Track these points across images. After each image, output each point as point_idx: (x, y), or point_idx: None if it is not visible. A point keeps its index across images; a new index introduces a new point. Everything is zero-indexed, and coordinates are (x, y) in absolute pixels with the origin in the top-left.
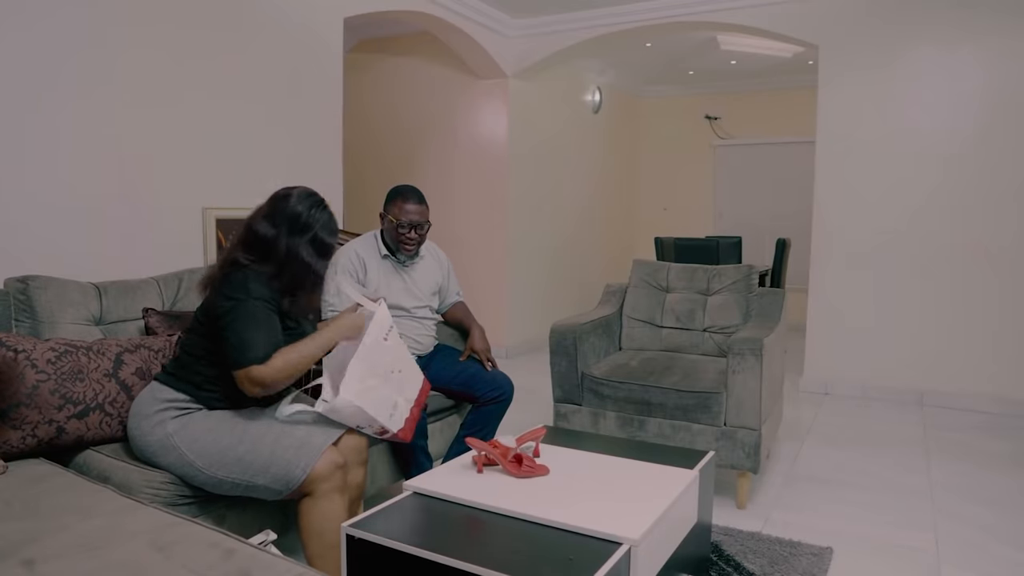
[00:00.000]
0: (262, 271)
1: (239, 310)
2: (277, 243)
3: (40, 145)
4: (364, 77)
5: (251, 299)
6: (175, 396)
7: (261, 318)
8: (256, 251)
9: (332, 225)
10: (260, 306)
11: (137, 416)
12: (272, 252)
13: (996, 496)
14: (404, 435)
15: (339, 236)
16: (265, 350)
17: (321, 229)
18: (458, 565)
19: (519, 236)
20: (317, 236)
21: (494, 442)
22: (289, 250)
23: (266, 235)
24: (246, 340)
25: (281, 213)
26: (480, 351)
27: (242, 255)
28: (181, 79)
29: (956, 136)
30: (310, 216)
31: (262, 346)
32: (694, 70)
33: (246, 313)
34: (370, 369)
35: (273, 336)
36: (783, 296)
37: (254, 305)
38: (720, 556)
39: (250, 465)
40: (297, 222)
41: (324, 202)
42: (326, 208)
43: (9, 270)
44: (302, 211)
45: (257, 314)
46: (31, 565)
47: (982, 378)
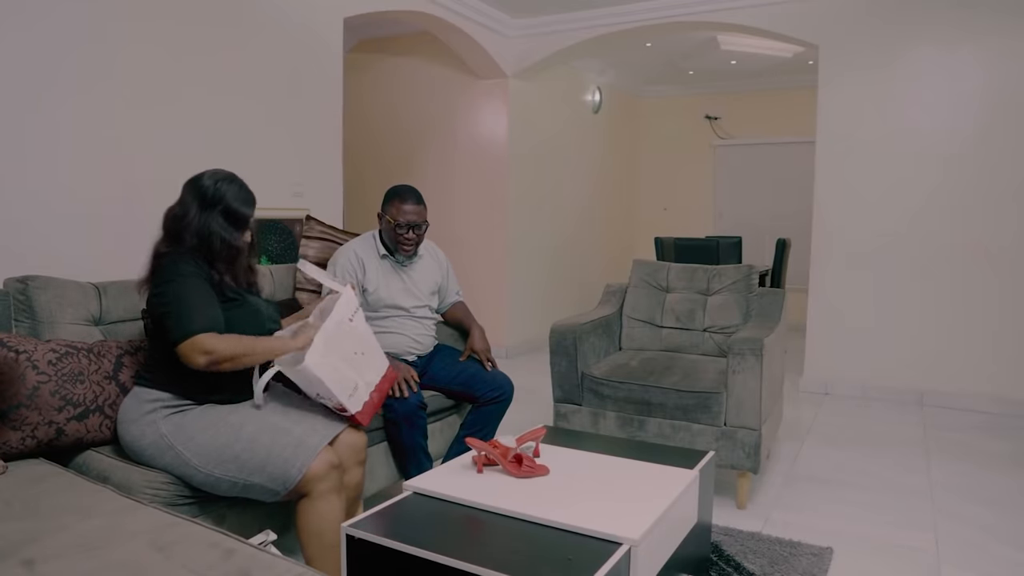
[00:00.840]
0: (183, 252)
1: (170, 289)
2: (188, 220)
3: (40, 144)
4: (364, 77)
5: (179, 277)
6: (159, 395)
7: (193, 291)
8: (172, 236)
9: (243, 195)
10: (189, 281)
11: (126, 422)
12: (186, 231)
13: (996, 496)
14: (361, 418)
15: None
16: (206, 320)
17: (232, 200)
18: (458, 565)
19: (519, 236)
20: (228, 207)
21: (494, 442)
22: (201, 225)
23: (176, 214)
24: (183, 312)
25: (190, 192)
26: (480, 351)
27: (162, 245)
28: (181, 79)
29: (956, 136)
30: (216, 189)
31: (201, 315)
32: (694, 70)
33: (178, 290)
34: (333, 346)
35: (210, 306)
36: (783, 296)
37: (183, 281)
38: (720, 556)
39: (246, 463)
40: (206, 197)
41: (234, 176)
42: (235, 180)
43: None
44: (208, 185)
45: (188, 287)
46: (31, 565)
47: (982, 378)
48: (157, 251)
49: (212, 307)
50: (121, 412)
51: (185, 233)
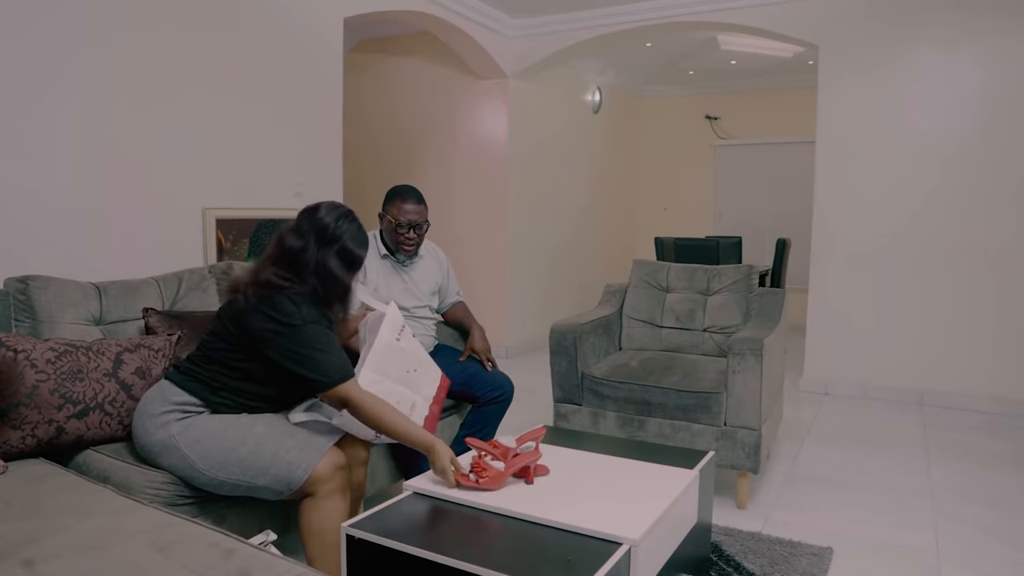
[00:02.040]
0: (303, 292)
1: (301, 336)
2: (306, 255)
3: (41, 145)
4: (364, 77)
5: (308, 323)
6: (185, 399)
7: (326, 339)
8: (287, 266)
9: (360, 236)
10: (320, 329)
11: (143, 414)
12: (302, 265)
13: (996, 496)
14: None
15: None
16: (344, 367)
17: (349, 240)
18: (458, 565)
19: (519, 236)
20: (345, 247)
21: (494, 442)
22: (318, 262)
23: (295, 247)
24: (326, 363)
25: (309, 225)
26: (480, 351)
27: (273, 272)
28: (181, 79)
29: (955, 136)
30: (337, 227)
31: (341, 364)
32: (694, 70)
33: (311, 338)
34: (382, 372)
35: (341, 352)
36: (783, 296)
37: (315, 329)
38: (720, 556)
39: (251, 466)
40: (325, 234)
41: (352, 214)
42: (354, 220)
43: (9, 270)
44: (329, 223)
45: (321, 337)
46: (31, 565)
47: (982, 378)
48: (269, 280)
49: (340, 352)
50: (142, 403)
51: (303, 269)
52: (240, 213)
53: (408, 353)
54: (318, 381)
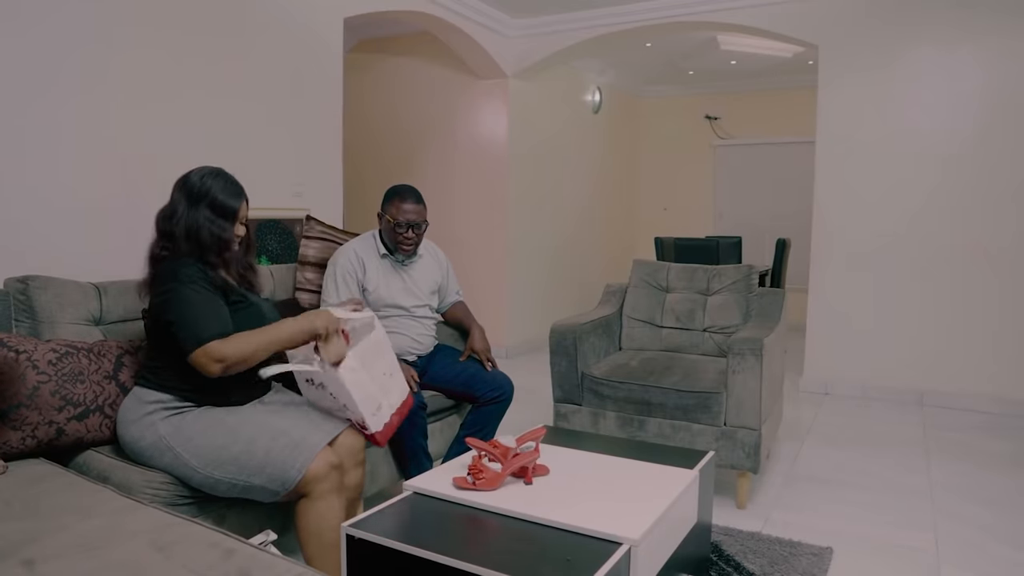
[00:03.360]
0: (182, 256)
1: (175, 296)
2: (177, 217)
3: (40, 144)
4: (364, 77)
5: (182, 283)
6: (159, 397)
7: (199, 298)
8: (164, 235)
9: (231, 188)
10: (195, 288)
11: (125, 423)
12: (176, 227)
13: (996, 496)
14: (380, 439)
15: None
16: (216, 327)
17: (218, 192)
18: (458, 565)
19: (519, 236)
20: (215, 199)
21: (494, 442)
22: (189, 222)
23: (166, 213)
24: (191, 320)
25: (179, 190)
26: (480, 351)
27: (157, 247)
28: (181, 78)
29: (956, 136)
30: (202, 184)
31: (210, 323)
32: (694, 70)
33: (183, 296)
34: (367, 362)
35: (219, 312)
36: (783, 296)
37: (188, 288)
38: (720, 556)
39: (246, 465)
40: (192, 192)
41: (220, 170)
42: (221, 174)
43: (9, 270)
44: (195, 181)
45: (193, 295)
46: (31, 565)
47: (982, 378)
48: (153, 254)
49: (218, 311)
50: (121, 412)
51: (176, 230)
52: None
53: (388, 357)
54: (183, 339)
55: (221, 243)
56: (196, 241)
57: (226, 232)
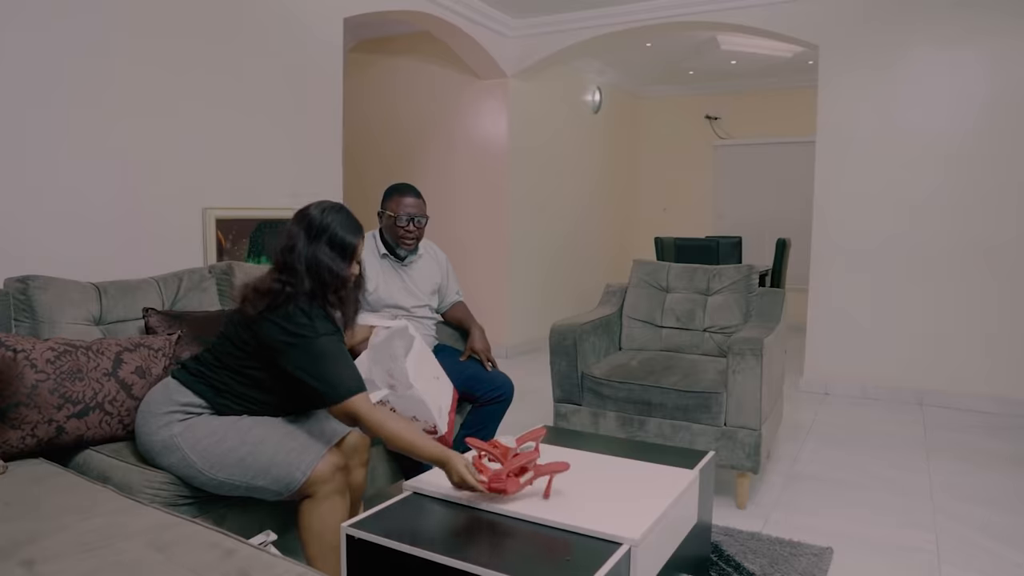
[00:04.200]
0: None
1: (313, 348)
2: (295, 252)
3: (41, 145)
4: (364, 77)
5: (320, 335)
6: (190, 400)
7: (337, 352)
8: (283, 268)
9: (350, 223)
10: (332, 340)
11: (147, 413)
12: (297, 262)
13: (996, 496)
14: (449, 438)
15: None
16: (357, 381)
17: (338, 228)
18: (458, 565)
19: (519, 236)
20: (335, 235)
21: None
22: (309, 257)
23: (286, 246)
24: (334, 377)
25: (298, 223)
26: (480, 351)
27: (275, 277)
28: (181, 78)
29: (955, 136)
30: (323, 218)
31: (350, 378)
32: (694, 70)
33: (323, 351)
34: (421, 371)
35: (353, 366)
36: (783, 296)
37: (326, 341)
38: (720, 556)
39: (251, 467)
40: (312, 227)
41: (341, 205)
42: (343, 210)
43: (9, 270)
44: (316, 215)
45: (332, 349)
46: (31, 565)
47: (982, 378)
48: (271, 287)
49: (350, 364)
50: (147, 400)
51: (297, 265)
52: (240, 213)
53: (432, 361)
54: (326, 395)
55: (339, 280)
56: (317, 278)
57: (344, 271)
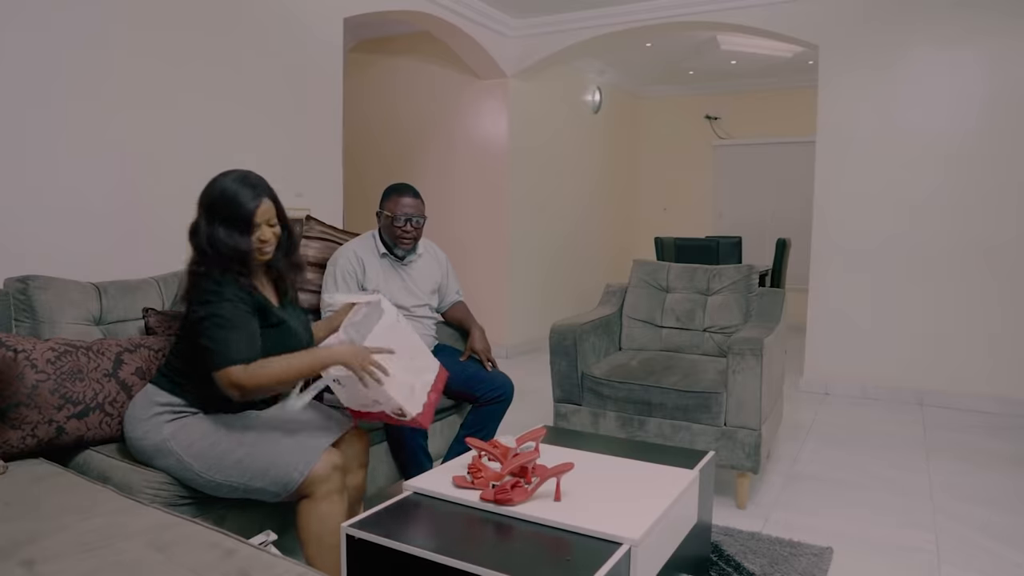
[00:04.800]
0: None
1: (212, 313)
2: (200, 233)
3: (40, 144)
4: (364, 77)
5: (223, 300)
6: (170, 400)
7: (234, 319)
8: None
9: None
10: (232, 307)
11: (132, 419)
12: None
13: (996, 496)
14: (423, 420)
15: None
16: (244, 352)
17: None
18: (458, 565)
19: (520, 236)
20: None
21: (494, 442)
22: (209, 236)
23: (192, 230)
24: (221, 341)
25: (198, 204)
26: (480, 351)
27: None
28: (181, 78)
29: (955, 136)
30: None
31: (239, 347)
32: (694, 70)
33: (219, 315)
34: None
35: (250, 336)
36: (783, 296)
37: (226, 306)
38: (720, 556)
39: (248, 468)
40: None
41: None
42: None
43: (9, 270)
44: (207, 191)
45: (230, 315)
46: (31, 565)
47: (982, 378)
48: (190, 270)
49: (252, 335)
50: (130, 408)
51: (204, 247)
52: None
53: (409, 339)
54: (213, 359)
55: (240, 255)
56: (218, 255)
57: (244, 243)
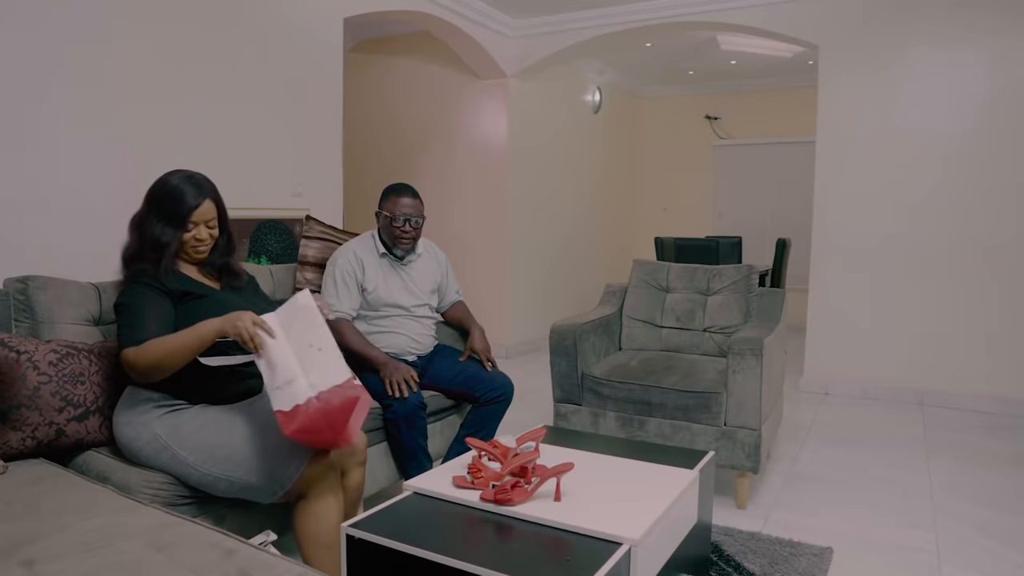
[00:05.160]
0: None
1: (118, 302)
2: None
3: (40, 144)
4: (364, 77)
5: (128, 286)
6: (150, 395)
7: (133, 303)
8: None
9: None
10: (133, 291)
11: (121, 423)
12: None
13: (996, 496)
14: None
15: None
16: (138, 334)
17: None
18: (458, 565)
19: (520, 236)
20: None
21: (494, 442)
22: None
23: (134, 219)
24: (123, 326)
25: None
26: (480, 351)
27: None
28: (181, 78)
29: (955, 136)
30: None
31: (132, 330)
32: (694, 70)
33: (122, 303)
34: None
35: (156, 317)
36: (783, 296)
37: (128, 291)
38: (720, 556)
39: (242, 462)
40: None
41: (176, 171)
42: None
43: (9, 270)
44: (155, 182)
45: (130, 300)
46: (31, 565)
47: (982, 378)
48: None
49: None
50: (116, 413)
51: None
52: (240, 213)
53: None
54: (119, 340)
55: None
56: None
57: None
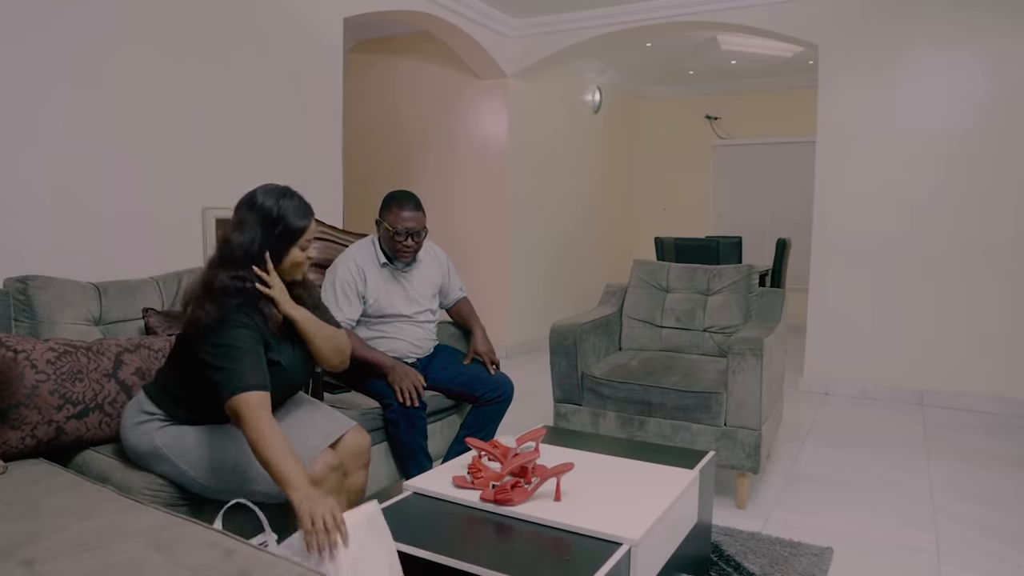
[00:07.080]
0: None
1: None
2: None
3: (40, 144)
4: (364, 77)
5: (232, 327)
6: (153, 410)
7: (243, 346)
8: (238, 265)
9: (301, 209)
10: (241, 334)
11: (126, 427)
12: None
13: (996, 496)
14: None
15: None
16: (249, 379)
17: (291, 215)
18: (458, 565)
19: (520, 236)
20: (288, 224)
21: (494, 442)
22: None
23: (242, 243)
24: (229, 369)
25: (253, 216)
26: (483, 353)
27: (226, 275)
28: (181, 78)
29: (955, 136)
30: (280, 207)
31: (246, 374)
32: (694, 70)
33: (227, 340)
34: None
35: (257, 364)
36: (783, 296)
37: (235, 332)
38: (720, 556)
39: (244, 473)
40: (270, 218)
41: (290, 189)
42: (294, 195)
43: (9, 270)
44: (271, 206)
45: (237, 341)
46: (31, 565)
47: (982, 378)
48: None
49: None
50: (124, 414)
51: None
52: None
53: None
54: (220, 388)
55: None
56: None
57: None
